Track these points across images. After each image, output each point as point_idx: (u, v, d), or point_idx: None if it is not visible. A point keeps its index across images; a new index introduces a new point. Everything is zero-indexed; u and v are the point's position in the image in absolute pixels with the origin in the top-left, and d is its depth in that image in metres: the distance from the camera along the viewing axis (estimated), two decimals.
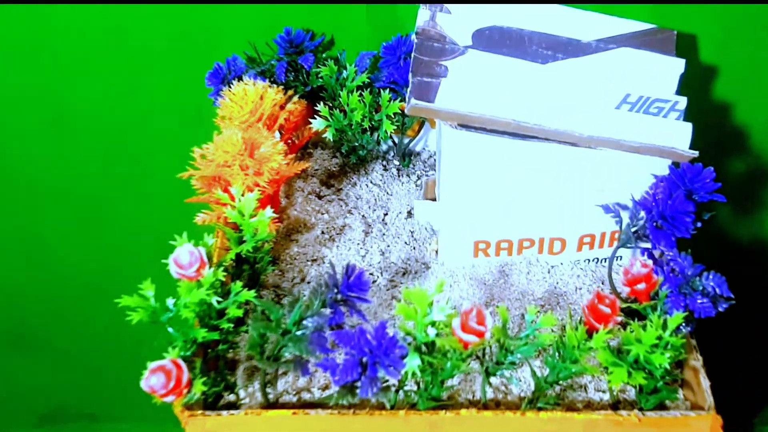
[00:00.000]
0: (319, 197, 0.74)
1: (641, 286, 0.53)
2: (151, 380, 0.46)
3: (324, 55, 0.76)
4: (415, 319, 0.49)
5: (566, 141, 0.58)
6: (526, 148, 0.58)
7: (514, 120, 0.56)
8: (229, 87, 0.66)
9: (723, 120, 0.76)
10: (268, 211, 0.56)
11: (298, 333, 0.49)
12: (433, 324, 0.50)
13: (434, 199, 0.71)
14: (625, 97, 0.59)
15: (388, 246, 0.69)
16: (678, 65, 0.62)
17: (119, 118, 0.83)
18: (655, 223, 0.56)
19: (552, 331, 0.59)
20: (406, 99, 0.56)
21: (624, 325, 0.54)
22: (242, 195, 0.57)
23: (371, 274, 0.67)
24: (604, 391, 0.55)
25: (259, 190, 0.58)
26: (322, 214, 0.72)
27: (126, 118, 0.83)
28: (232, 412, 0.50)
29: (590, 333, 0.51)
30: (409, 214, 0.72)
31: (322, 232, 0.70)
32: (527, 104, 0.57)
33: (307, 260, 0.67)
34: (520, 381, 0.56)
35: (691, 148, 0.57)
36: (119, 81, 0.80)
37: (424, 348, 0.50)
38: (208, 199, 0.62)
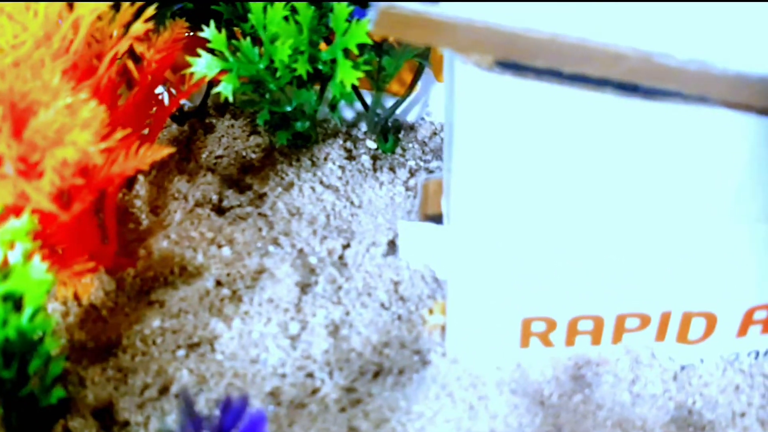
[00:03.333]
0: (219, 211, 0.46)
1: None
2: None
3: None
4: None
5: (751, 104, 0.29)
6: (652, 118, 0.30)
7: (635, 49, 0.27)
8: None
9: None
10: (38, 267, 0.28)
11: None
12: None
13: (439, 219, 0.42)
14: None
15: (348, 314, 0.41)
16: None
17: None
18: None
19: None
20: None
21: None
22: None
23: (309, 375, 0.39)
24: None
25: (32, 214, 0.30)
26: (221, 246, 0.43)
27: None
28: None
29: None
30: (392, 246, 0.43)
31: (218, 284, 0.42)
32: (665, 14, 0.28)
33: (179, 346, 0.39)
34: None
35: None
36: None
37: None
38: None
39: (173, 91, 0.44)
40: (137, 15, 0.40)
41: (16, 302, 0.30)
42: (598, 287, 0.35)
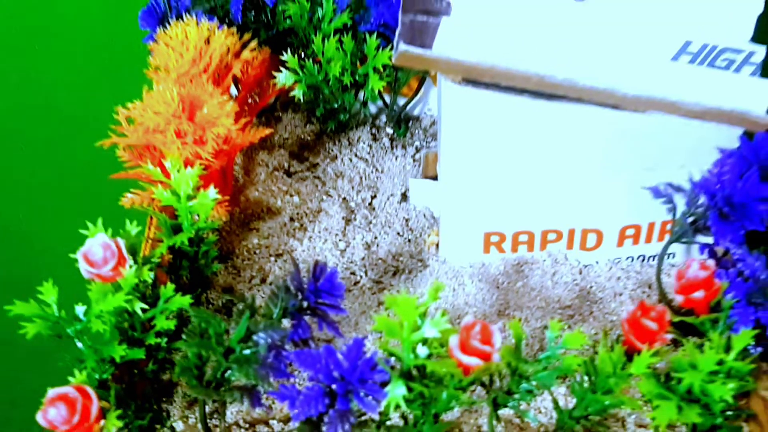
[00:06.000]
0: (288, 174, 0.70)
1: (699, 294, 0.49)
2: (50, 413, 0.43)
3: None
4: (400, 336, 0.46)
5: (605, 102, 0.54)
6: (552, 112, 0.54)
7: (536, 73, 0.52)
8: (166, 28, 0.62)
9: None
10: (212, 192, 0.53)
11: (246, 353, 0.46)
12: (424, 342, 0.46)
13: (435, 178, 0.67)
14: (685, 46, 0.55)
15: (376, 238, 0.65)
16: (754, 3, 0.57)
17: (27, 66, 0.78)
18: (718, 211, 0.52)
19: (583, 351, 0.56)
20: (394, 44, 0.52)
21: (676, 344, 0.50)
22: (178, 170, 0.53)
23: (353, 273, 0.63)
24: (647, 426, 0.52)
25: (201, 164, 0.55)
26: (292, 195, 0.68)
27: (36, 68, 0.78)
28: None
29: (630, 355, 0.47)
30: (404, 196, 0.68)
31: (291, 219, 0.66)
32: (555, 53, 0.53)
33: (270, 255, 0.64)
34: (540, 413, 0.53)
35: None
36: (28, 20, 0.76)
37: (412, 373, 0.46)
38: (139, 174, 0.58)
39: (255, 95, 0.69)
40: (243, 45, 0.65)
41: (195, 214, 0.54)
42: (530, 213, 0.60)
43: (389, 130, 0.74)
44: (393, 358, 0.46)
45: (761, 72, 0.55)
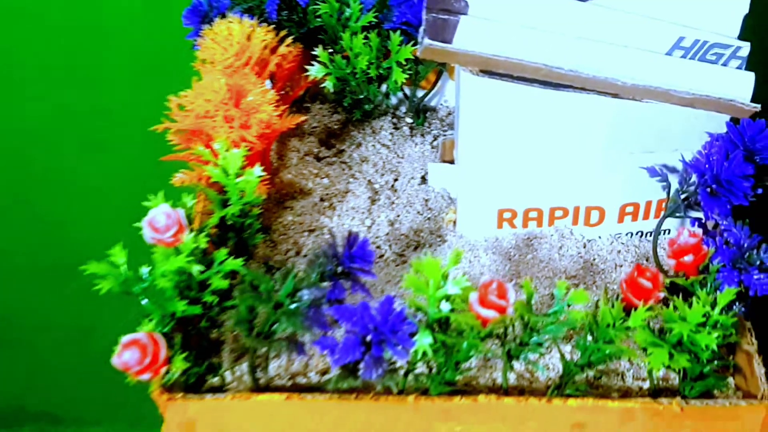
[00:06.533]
0: (318, 159, 0.77)
1: (688, 258, 0.55)
2: (125, 355, 0.50)
3: None
4: (426, 293, 0.52)
5: (606, 91, 0.60)
6: (559, 100, 0.61)
7: (545, 65, 0.58)
8: (211, 26, 0.68)
9: None
10: (257, 170, 0.60)
11: (292, 306, 0.53)
12: (447, 298, 0.53)
13: (452, 162, 0.74)
14: (678, 41, 0.62)
15: (398, 216, 0.72)
16: (741, 4, 0.64)
17: (83, 61, 0.85)
18: (707, 188, 0.59)
19: (586, 311, 0.62)
20: (419, 39, 0.59)
21: (667, 303, 0.57)
22: (226, 151, 0.60)
23: (378, 247, 0.70)
24: (644, 379, 0.58)
25: (246, 146, 0.62)
26: (321, 178, 0.75)
27: (91, 62, 0.85)
28: (217, 395, 0.54)
29: (628, 311, 0.53)
30: (423, 179, 0.75)
31: (321, 199, 0.73)
32: (561, 47, 0.59)
33: (303, 230, 0.71)
34: (548, 369, 0.59)
35: (753, 101, 0.60)
36: (81, 19, 0.83)
37: (436, 325, 0.53)
38: (188, 156, 0.65)
39: (288, 87, 0.76)
40: (279, 41, 0.71)
41: (241, 191, 0.61)
42: (539, 192, 0.67)
43: (409, 120, 0.81)
44: (420, 313, 0.53)
45: (746, 65, 0.62)
